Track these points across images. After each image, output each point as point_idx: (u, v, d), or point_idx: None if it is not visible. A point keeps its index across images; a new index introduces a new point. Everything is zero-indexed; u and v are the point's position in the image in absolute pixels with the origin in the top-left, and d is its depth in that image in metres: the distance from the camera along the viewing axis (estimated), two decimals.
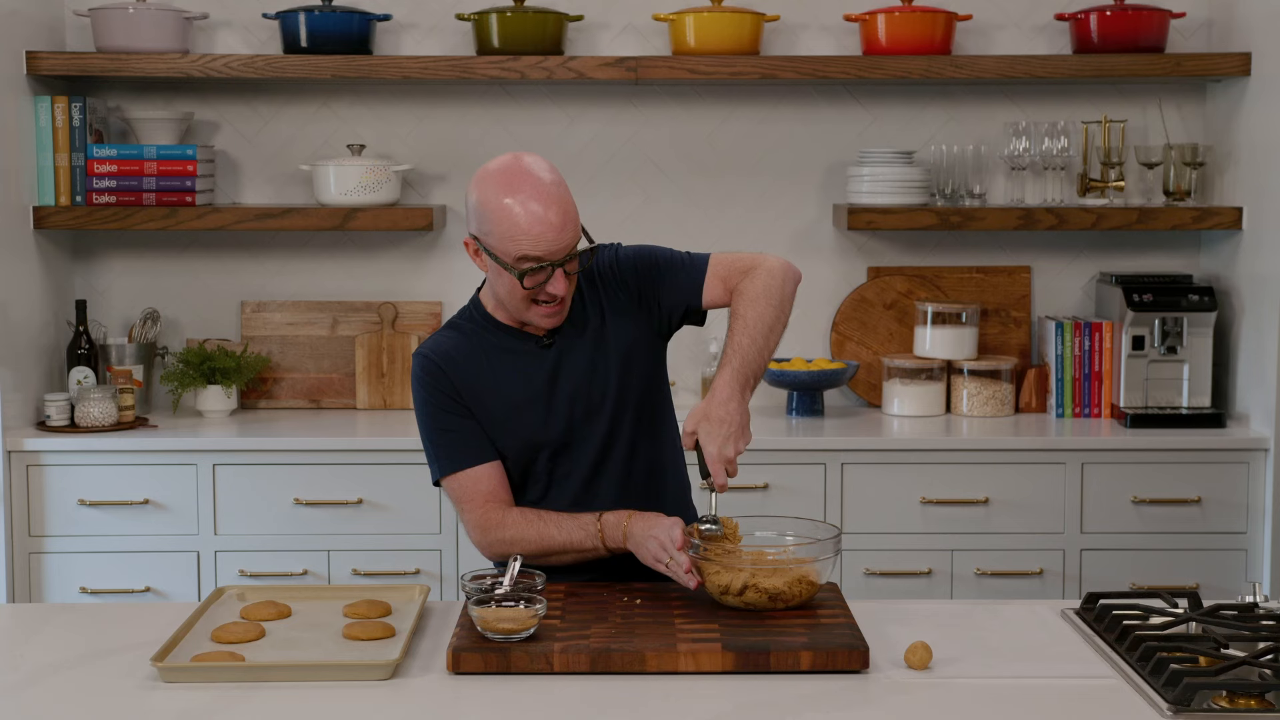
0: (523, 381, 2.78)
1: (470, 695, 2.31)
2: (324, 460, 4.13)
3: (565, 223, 2.63)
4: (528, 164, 2.66)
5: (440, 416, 2.78)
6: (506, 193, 2.63)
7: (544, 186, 2.63)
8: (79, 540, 4.11)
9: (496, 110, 4.59)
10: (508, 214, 2.61)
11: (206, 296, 4.62)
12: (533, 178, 2.64)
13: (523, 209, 2.61)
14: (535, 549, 2.72)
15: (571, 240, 2.65)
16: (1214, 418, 4.29)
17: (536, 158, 2.69)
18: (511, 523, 2.74)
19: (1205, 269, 4.57)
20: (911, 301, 4.58)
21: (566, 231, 2.63)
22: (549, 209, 2.61)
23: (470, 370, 2.78)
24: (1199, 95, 4.58)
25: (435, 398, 2.78)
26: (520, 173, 2.65)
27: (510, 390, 2.78)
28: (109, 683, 2.35)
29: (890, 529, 4.14)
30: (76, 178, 4.33)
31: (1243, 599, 2.64)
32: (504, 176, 2.65)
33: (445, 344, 2.81)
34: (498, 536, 2.75)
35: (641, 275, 2.83)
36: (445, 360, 2.78)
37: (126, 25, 4.30)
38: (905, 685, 2.34)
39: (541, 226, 2.61)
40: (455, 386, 2.77)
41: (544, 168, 2.67)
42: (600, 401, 2.79)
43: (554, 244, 2.62)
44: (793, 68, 4.28)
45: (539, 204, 2.61)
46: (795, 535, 2.71)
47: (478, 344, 2.80)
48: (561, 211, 2.63)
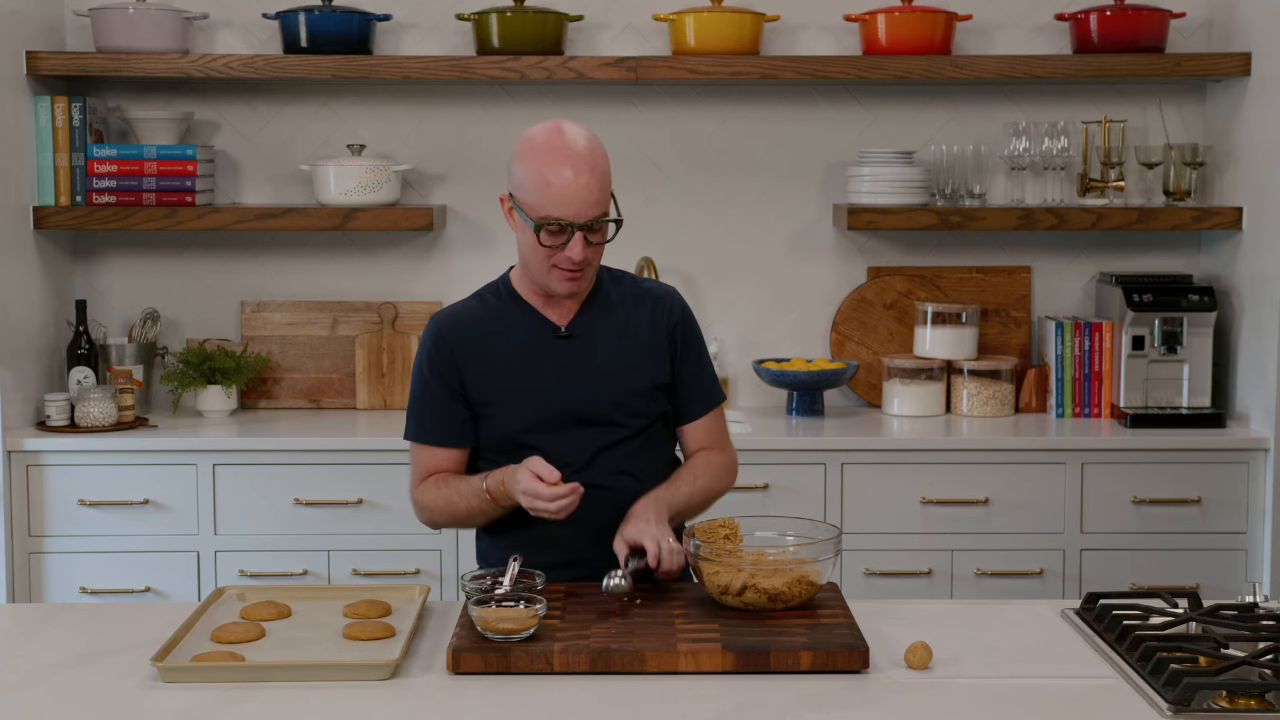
0: (530, 365, 2.79)
1: (470, 695, 2.31)
2: (324, 460, 4.13)
3: (592, 187, 2.68)
4: (567, 128, 2.73)
5: (430, 387, 2.83)
6: (542, 152, 2.69)
7: (578, 150, 2.69)
8: (79, 540, 4.11)
9: (496, 110, 4.59)
10: (538, 172, 2.68)
11: (206, 296, 4.62)
12: (570, 141, 2.70)
13: (553, 169, 2.67)
14: (447, 516, 2.83)
15: (597, 207, 2.69)
16: (1214, 418, 4.29)
17: (579, 125, 2.76)
18: (428, 488, 2.83)
19: (1205, 269, 4.57)
20: (911, 301, 4.58)
21: (592, 196, 2.68)
22: (579, 173, 2.67)
23: (479, 344, 2.81)
24: (1199, 95, 4.58)
25: (432, 367, 2.82)
26: (558, 135, 2.71)
27: (515, 371, 2.79)
28: (109, 683, 2.35)
29: (890, 529, 4.14)
30: (76, 178, 4.33)
31: (1243, 599, 2.65)
32: (543, 136, 2.72)
33: (462, 314, 2.86)
34: (417, 501, 2.86)
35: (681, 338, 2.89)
36: (455, 333, 2.82)
37: (126, 25, 4.30)
38: (905, 685, 2.34)
39: (568, 187, 2.66)
40: (457, 362, 2.80)
41: (583, 135, 2.73)
42: (608, 403, 2.80)
43: (578, 206, 2.67)
44: (793, 68, 4.28)
45: (570, 167, 2.67)
46: (795, 535, 2.71)
47: (494, 317, 2.84)
48: (591, 176, 2.68)
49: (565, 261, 2.71)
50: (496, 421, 2.80)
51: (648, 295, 2.89)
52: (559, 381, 2.80)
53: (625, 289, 2.89)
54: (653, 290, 2.91)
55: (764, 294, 4.65)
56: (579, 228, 2.68)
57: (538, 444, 2.77)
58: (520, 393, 2.79)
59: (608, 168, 2.72)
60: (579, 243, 2.69)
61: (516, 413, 2.79)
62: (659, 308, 2.88)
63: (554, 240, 2.69)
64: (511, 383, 2.79)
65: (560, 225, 2.67)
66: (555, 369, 2.80)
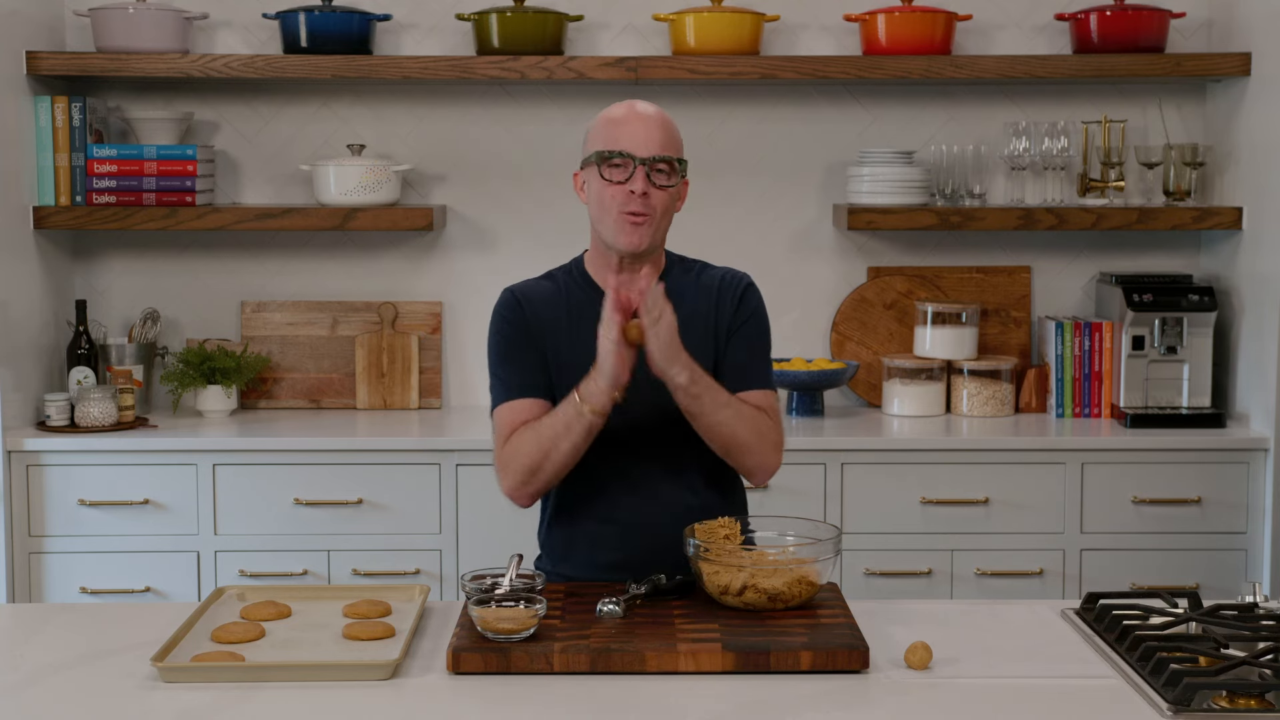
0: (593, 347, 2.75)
1: (470, 695, 2.31)
2: (324, 460, 4.13)
3: (655, 126, 2.75)
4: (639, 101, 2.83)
5: (506, 346, 2.84)
6: (611, 110, 2.81)
7: (646, 107, 2.79)
8: (79, 540, 4.11)
9: (496, 110, 4.59)
10: (604, 119, 2.79)
11: (206, 296, 4.62)
12: (639, 103, 2.81)
13: (617, 112, 2.78)
14: (534, 450, 2.71)
15: (661, 143, 2.74)
16: (1214, 418, 4.29)
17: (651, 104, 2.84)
18: (516, 437, 2.75)
19: (1205, 269, 4.57)
20: (911, 301, 4.58)
21: (655, 134, 2.74)
22: (644, 117, 2.76)
23: (549, 315, 2.83)
24: (1199, 95, 4.58)
25: (506, 329, 2.84)
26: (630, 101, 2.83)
27: (579, 350, 2.78)
28: (109, 683, 2.35)
29: (890, 529, 4.14)
30: (76, 178, 4.33)
31: (1243, 599, 2.65)
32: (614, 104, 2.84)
33: (534, 289, 2.88)
34: (505, 458, 2.76)
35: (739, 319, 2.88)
36: (526, 299, 2.85)
37: (126, 25, 4.30)
38: (905, 685, 2.34)
39: (629, 120, 2.74)
40: (528, 322, 2.82)
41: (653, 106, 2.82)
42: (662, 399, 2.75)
43: (642, 140, 2.73)
44: (793, 68, 4.28)
45: (634, 110, 2.77)
46: (795, 535, 2.71)
47: (564, 295, 2.85)
48: (655, 120, 2.76)
49: (631, 202, 2.72)
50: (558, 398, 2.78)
51: (717, 281, 2.89)
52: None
53: (695, 276, 2.89)
54: (723, 275, 2.91)
55: (764, 294, 4.62)
56: (641, 161, 2.71)
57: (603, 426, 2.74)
58: (582, 373, 2.76)
59: (674, 126, 2.79)
60: (641, 177, 2.72)
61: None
62: (723, 291, 2.88)
63: (617, 175, 2.73)
64: (575, 361, 2.78)
65: (622, 157, 2.72)
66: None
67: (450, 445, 4.14)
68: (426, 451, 4.13)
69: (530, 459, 2.73)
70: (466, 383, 4.66)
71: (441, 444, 4.14)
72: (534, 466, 2.73)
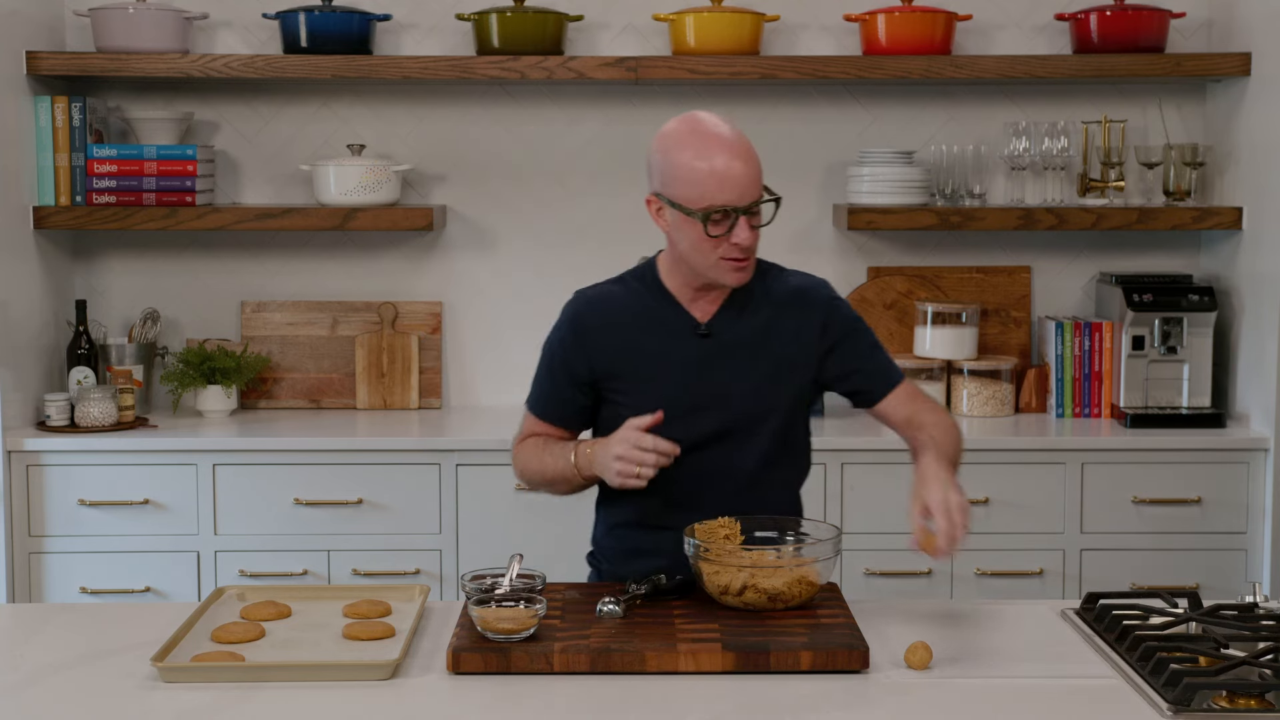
0: (663, 359, 2.77)
1: (470, 695, 2.31)
2: (324, 460, 4.13)
3: (749, 169, 2.68)
4: (707, 117, 2.73)
5: (553, 367, 2.86)
6: (692, 143, 2.69)
7: (727, 137, 2.69)
8: (79, 540, 4.11)
9: (496, 110, 4.59)
10: (693, 164, 2.67)
11: (206, 296, 4.62)
12: (715, 129, 2.70)
13: (707, 158, 2.66)
14: (536, 477, 2.85)
15: (756, 188, 2.69)
16: (1214, 418, 4.29)
17: (713, 114, 2.75)
18: (525, 446, 2.89)
19: (1205, 269, 4.57)
20: (911, 301, 4.58)
21: (751, 177, 2.68)
22: (734, 157, 2.67)
23: (614, 332, 2.80)
24: (1199, 95, 4.58)
25: (562, 348, 2.84)
26: (702, 124, 2.71)
27: (648, 362, 2.78)
28: (109, 683, 2.35)
29: (890, 529, 4.13)
30: (76, 178, 4.33)
31: (1243, 599, 2.65)
32: (687, 127, 2.71)
33: (602, 298, 2.85)
34: (515, 456, 2.91)
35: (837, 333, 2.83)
36: (592, 318, 2.82)
37: (126, 25, 4.30)
38: (905, 685, 2.34)
39: (727, 172, 2.66)
40: (587, 351, 2.80)
41: (723, 121, 2.73)
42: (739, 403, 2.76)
43: (739, 190, 2.66)
44: (793, 68, 4.28)
45: (724, 152, 2.67)
46: (795, 535, 2.71)
47: (636, 304, 2.82)
48: (746, 159, 2.69)
49: (733, 250, 2.69)
50: (623, 410, 2.77)
51: (796, 296, 2.84)
52: (690, 379, 2.77)
53: (772, 284, 2.84)
54: (801, 288, 2.86)
55: None
56: (742, 211, 2.67)
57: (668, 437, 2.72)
58: (650, 384, 2.77)
59: (753, 148, 2.73)
60: (744, 227, 2.68)
61: (643, 404, 2.75)
62: (806, 308, 2.83)
63: (719, 229, 2.67)
64: (643, 372, 2.78)
65: (724, 212, 2.66)
66: (688, 366, 2.77)
67: (450, 445, 4.14)
68: (426, 451, 4.13)
69: (527, 477, 2.90)
70: (466, 383, 4.66)
71: (441, 444, 4.14)
72: (531, 483, 2.90)
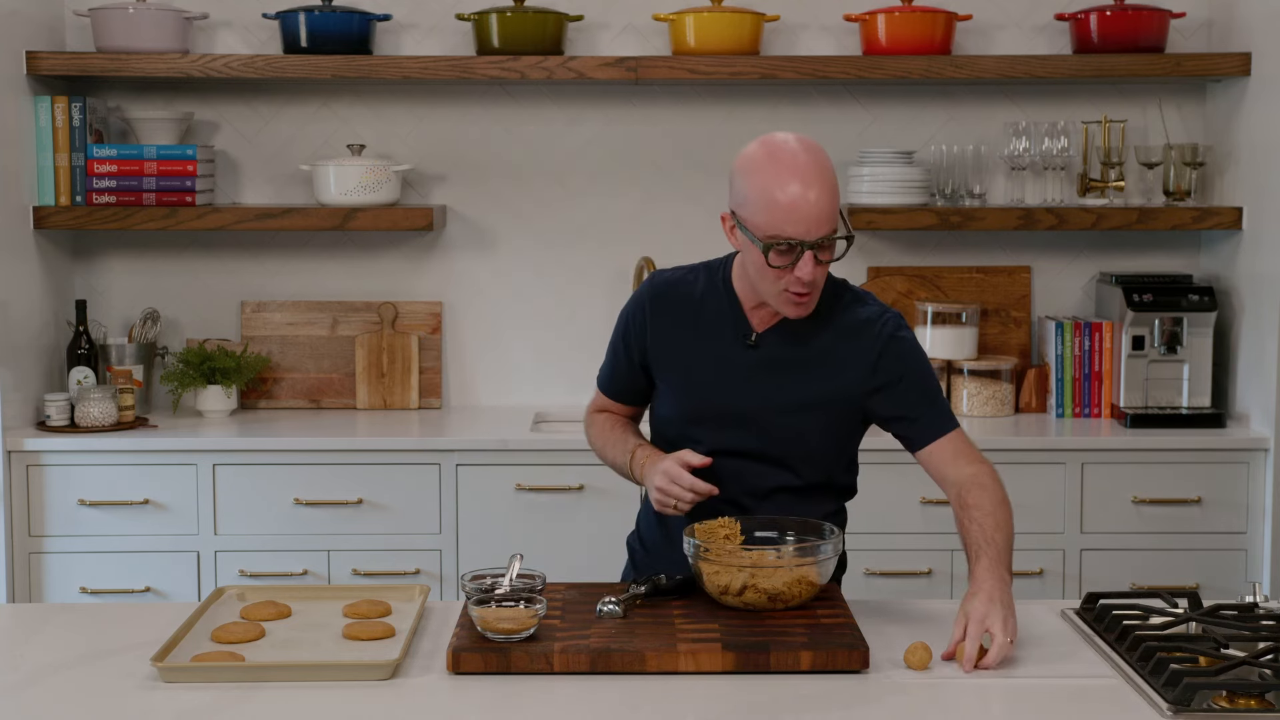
0: (710, 359, 2.76)
1: (470, 695, 2.31)
2: (324, 460, 4.13)
3: (823, 203, 2.57)
4: (792, 142, 2.61)
5: (620, 338, 2.89)
6: (768, 167, 2.59)
7: (806, 164, 2.58)
8: (79, 540, 4.11)
9: (496, 110, 4.59)
10: (765, 188, 2.57)
11: (206, 296, 4.62)
12: (796, 154, 2.59)
13: (781, 184, 2.56)
14: (599, 452, 2.95)
15: (827, 224, 2.58)
16: (1214, 418, 4.28)
17: (803, 138, 2.64)
18: (597, 422, 2.97)
19: (1205, 269, 4.57)
20: (911, 301, 4.58)
21: (822, 212, 2.56)
22: (809, 188, 2.56)
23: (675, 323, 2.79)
24: (1199, 95, 4.58)
25: (627, 325, 2.86)
26: (780, 149, 2.61)
27: (696, 362, 2.77)
28: (109, 683, 2.35)
29: (890, 529, 4.14)
30: (76, 178, 4.33)
31: (1243, 599, 2.65)
32: (765, 151, 2.61)
33: (677, 283, 2.83)
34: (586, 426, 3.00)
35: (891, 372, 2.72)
36: (663, 300, 2.82)
37: (126, 25, 4.30)
38: (905, 685, 2.34)
39: (798, 204, 2.56)
40: (650, 328, 2.81)
41: (809, 147, 2.62)
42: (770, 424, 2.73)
43: (808, 224, 2.56)
44: (793, 68, 4.28)
45: (799, 181, 2.57)
46: (795, 535, 2.71)
47: (701, 295, 2.80)
48: (821, 191, 2.57)
49: (794, 284, 2.60)
50: (664, 401, 2.81)
51: (858, 326, 2.73)
52: (729, 387, 2.74)
53: (840, 309, 2.75)
54: (867, 320, 2.74)
55: None
56: (809, 246, 2.58)
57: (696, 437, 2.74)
58: (687, 384, 2.77)
59: (835, 180, 2.60)
60: (809, 262, 2.58)
61: (684, 402, 2.77)
62: (864, 340, 2.72)
63: (783, 260, 2.59)
64: (690, 373, 2.77)
65: (790, 244, 2.57)
66: (731, 372, 2.75)
67: (450, 445, 4.14)
68: (426, 451, 4.13)
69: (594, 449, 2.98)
70: (466, 383, 4.66)
71: (441, 444, 4.14)
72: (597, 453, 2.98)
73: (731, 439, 2.75)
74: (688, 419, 2.78)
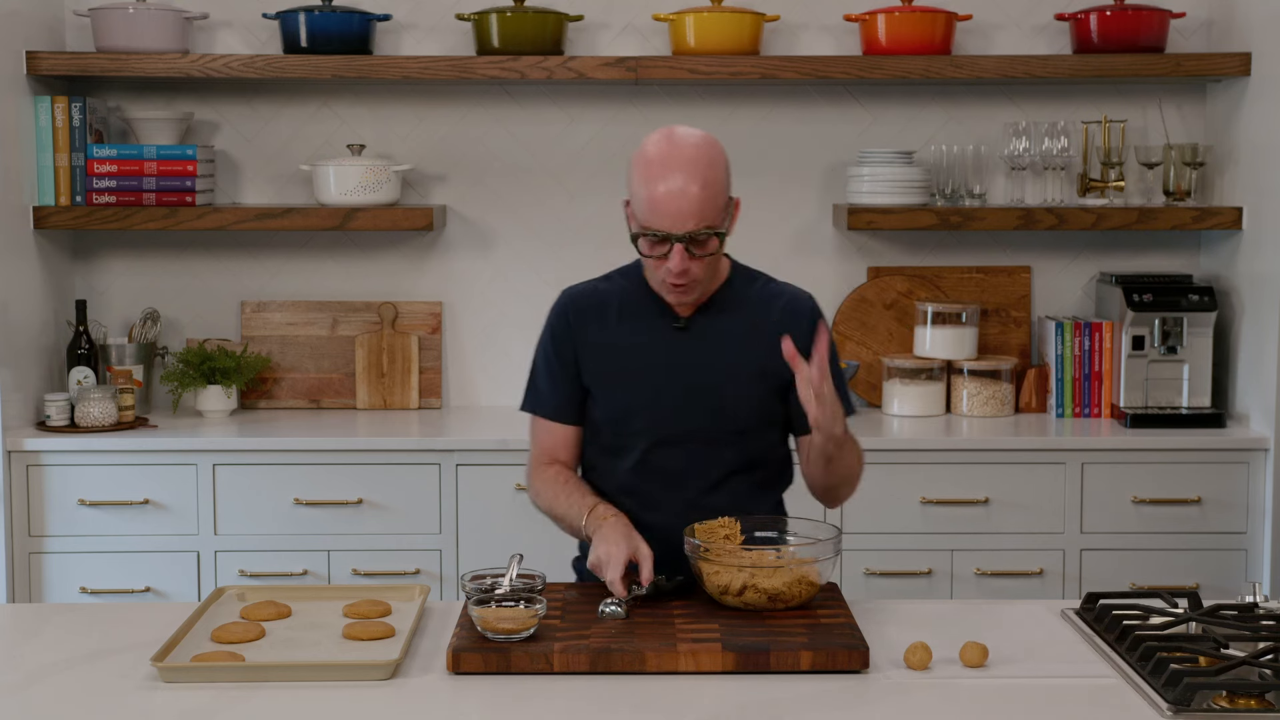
0: (644, 352, 2.77)
1: (470, 695, 2.31)
2: (324, 460, 4.13)
3: (693, 199, 2.60)
4: (679, 134, 2.67)
5: (546, 358, 2.85)
6: (648, 160, 2.65)
7: (685, 158, 2.62)
8: (79, 540, 4.11)
9: (496, 110, 4.59)
10: (643, 179, 2.64)
11: (206, 296, 4.62)
12: (678, 148, 2.63)
13: (655, 178, 2.62)
14: (547, 510, 2.86)
15: (695, 219, 2.62)
16: (1214, 418, 4.28)
17: (694, 131, 2.68)
18: (543, 480, 2.86)
19: (1205, 269, 4.57)
20: (911, 301, 4.58)
21: (690, 207, 2.60)
22: (680, 183, 2.60)
23: (598, 326, 2.80)
24: (1199, 95, 4.58)
25: (550, 342, 2.84)
26: (668, 141, 2.65)
27: (629, 356, 2.78)
28: (109, 683, 2.35)
29: (890, 529, 4.14)
30: (76, 178, 4.33)
31: (1243, 599, 2.65)
32: (653, 143, 2.68)
33: (590, 293, 2.85)
34: (532, 482, 2.90)
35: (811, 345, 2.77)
36: (579, 309, 2.82)
37: (126, 25, 4.30)
38: (905, 685, 2.34)
39: (667, 197, 2.61)
40: (574, 339, 2.81)
41: (695, 141, 2.65)
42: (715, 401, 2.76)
43: (675, 217, 2.61)
44: (793, 68, 4.28)
45: (671, 176, 2.61)
46: (795, 535, 2.71)
47: (620, 298, 2.82)
48: (694, 186, 2.60)
49: (667, 273, 2.67)
50: (601, 403, 2.80)
51: (780, 297, 2.84)
52: (669, 373, 2.77)
53: (758, 289, 2.85)
54: (786, 292, 2.86)
55: None
56: (677, 239, 2.63)
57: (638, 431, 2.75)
58: (630, 377, 2.78)
59: (718, 175, 2.64)
60: (678, 254, 2.63)
61: (623, 396, 2.78)
62: (788, 316, 2.80)
63: (652, 250, 2.65)
64: (624, 365, 2.78)
65: (658, 236, 2.63)
66: (667, 360, 2.78)
67: (450, 445, 4.14)
68: (426, 451, 4.13)
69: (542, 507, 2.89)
70: (466, 383, 4.66)
71: (441, 444, 4.14)
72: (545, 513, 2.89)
73: (674, 424, 2.75)
74: (629, 414, 2.78)
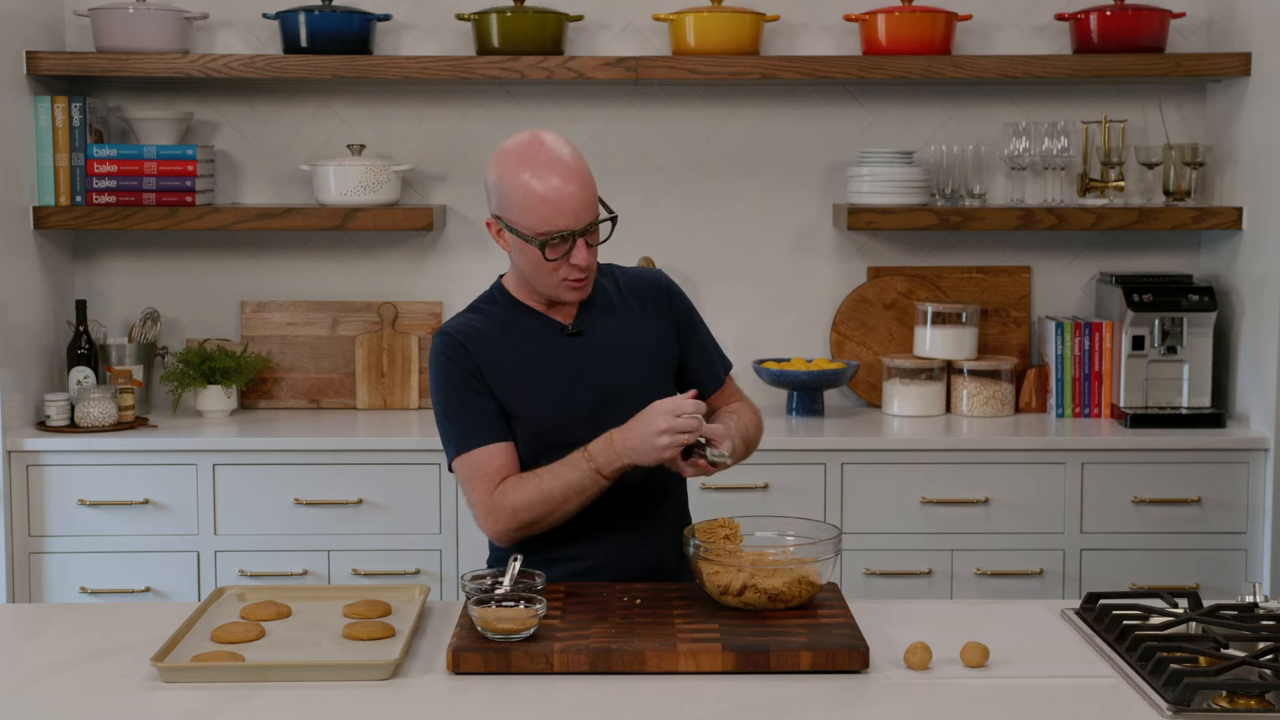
0: (545, 365, 2.79)
1: (470, 695, 2.31)
2: (324, 460, 4.13)
3: (584, 193, 2.69)
4: (544, 139, 2.73)
5: (458, 393, 2.77)
6: (525, 167, 2.69)
7: (561, 160, 2.70)
8: (79, 540, 4.11)
9: (496, 110, 4.59)
10: (527, 188, 2.68)
11: (206, 296, 4.62)
12: (550, 152, 2.70)
13: (542, 182, 2.67)
14: (540, 507, 2.69)
15: (591, 211, 2.71)
16: (1214, 418, 4.28)
17: (553, 134, 2.75)
18: (509, 489, 2.71)
19: (1205, 269, 4.57)
20: (911, 301, 4.58)
21: (585, 201, 2.70)
22: (568, 181, 2.68)
23: (493, 349, 2.79)
24: (1199, 95, 4.58)
25: (455, 374, 2.77)
26: (537, 147, 2.71)
27: (534, 371, 2.78)
28: (109, 683, 2.35)
29: (890, 529, 4.14)
30: (76, 178, 4.33)
31: (1243, 599, 2.65)
32: (521, 152, 2.71)
33: (467, 323, 2.83)
34: (501, 506, 2.71)
35: (681, 316, 2.94)
36: (467, 338, 2.79)
37: (126, 25, 4.30)
38: (905, 685, 2.34)
39: (561, 197, 2.67)
40: (476, 363, 2.78)
41: (561, 142, 2.73)
42: (629, 392, 2.77)
43: (575, 214, 2.68)
44: (793, 68, 4.28)
45: (558, 176, 2.68)
46: (795, 535, 2.71)
47: (500, 325, 2.82)
48: (580, 182, 2.69)
49: (572, 272, 2.72)
50: (524, 419, 2.78)
51: (638, 281, 2.93)
52: (576, 378, 2.79)
53: (617, 280, 2.92)
54: (642, 275, 2.95)
55: (764, 294, 4.65)
56: (579, 234, 2.70)
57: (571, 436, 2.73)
58: (539, 393, 2.77)
59: (588, 167, 2.74)
60: (582, 249, 2.71)
61: (539, 412, 2.77)
62: (651, 291, 2.91)
63: (558, 252, 2.69)
64: (530, 384, 2.78)
65: (562, 236, 2.68)
66: (570, 366, 2.79)
67: None
68: (426, 451, 4.12)
69: (531, 513, 2.71)
70: None
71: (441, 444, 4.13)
72: (535, 519, 2.72)
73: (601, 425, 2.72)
74: (555, 425, 2.76)
